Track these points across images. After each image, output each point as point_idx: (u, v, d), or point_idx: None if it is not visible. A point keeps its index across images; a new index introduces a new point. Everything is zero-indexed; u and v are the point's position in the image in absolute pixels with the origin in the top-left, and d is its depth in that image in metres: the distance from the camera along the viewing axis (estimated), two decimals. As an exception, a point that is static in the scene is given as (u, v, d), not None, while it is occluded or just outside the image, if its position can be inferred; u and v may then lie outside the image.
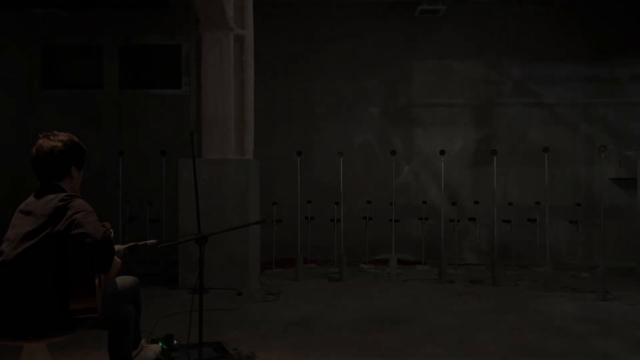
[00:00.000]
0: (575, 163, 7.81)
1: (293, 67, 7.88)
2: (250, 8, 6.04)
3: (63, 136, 2.57)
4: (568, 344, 3.90)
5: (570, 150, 7.80)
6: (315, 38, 7.90)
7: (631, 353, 3.73)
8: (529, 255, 7.19)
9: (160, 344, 3.50)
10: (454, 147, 7.80)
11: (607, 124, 7.80)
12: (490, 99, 7.88)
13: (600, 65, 7.82)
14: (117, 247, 2.61)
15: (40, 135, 2.58)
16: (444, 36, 7.86)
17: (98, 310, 2.34)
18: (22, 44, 7.98)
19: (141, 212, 6.83)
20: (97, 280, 2.33)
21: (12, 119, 7.90)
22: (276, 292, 5.54)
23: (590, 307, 5.03)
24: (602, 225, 5.50)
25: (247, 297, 5.25)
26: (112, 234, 2.55)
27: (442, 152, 6.80)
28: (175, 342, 3.56)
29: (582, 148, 7.82)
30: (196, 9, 5.70)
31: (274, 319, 4.57)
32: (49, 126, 2.93)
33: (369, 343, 3.92)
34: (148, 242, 2.81)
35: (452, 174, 7.72)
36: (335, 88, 7.91)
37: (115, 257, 2.52)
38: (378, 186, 7.59)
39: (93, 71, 7.97)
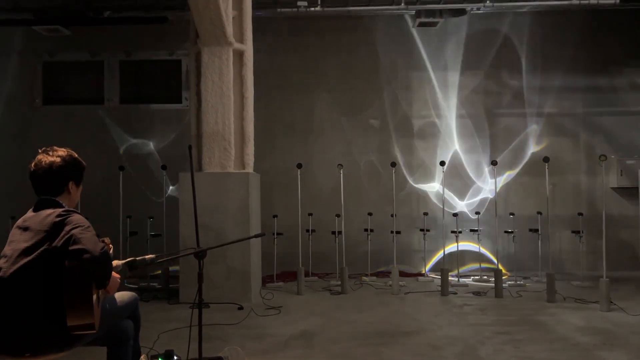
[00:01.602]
0: (577, 173, 7.79)
1: (292, 81, 7.91)
2: (249, 23, 6.08)
3: (62, 152, 2.56)
4: (573, 356, 3.86)
5: (571, 160, 7.79)
6: (315, 51, 7.94)
7: (637, 364, 3.69)
8: (532, 266, 7.15)
9: (160, 359, 3.47)
10: (454, 158, 7.79)
11: (607, 133, 7.79)
12: (489, 109, 7.89)
13: (599, 75, 7.83)
14: (115, 262, 2.59)
15: (40, 151, 2.56)
16: (442, 48, 7.90)
17: (96, 326, 2.32)
18: (23, 60, 8.05)
19: (142, 227, 6.83)
20: (95, 296, 2.32)
21: (13, 134, 7.95)
22: (277, 305, 5.51)
23: (594, 317, 4.99)
24: (604, 235, 5.47)
25: (248, 312, 5.22)
26: (111, 250, 2.54)
27: (442, 163, 6.80)
28: (175, 357, 3.52)
29: (583, 158, 7.81)
30: (196, 25, 5.75)
31: (275, 333, 4.53)
32: (51, 141, 2.93)
33: (371, 356, 3.89)
34: (147, 257, 2.80)
35: (454, 185, 7.71)
36: (334, 100, 7.93)
37: (114, 273, 2.51)
38: (379, 198, 7.58)
39: (94, 87, 8.02)
